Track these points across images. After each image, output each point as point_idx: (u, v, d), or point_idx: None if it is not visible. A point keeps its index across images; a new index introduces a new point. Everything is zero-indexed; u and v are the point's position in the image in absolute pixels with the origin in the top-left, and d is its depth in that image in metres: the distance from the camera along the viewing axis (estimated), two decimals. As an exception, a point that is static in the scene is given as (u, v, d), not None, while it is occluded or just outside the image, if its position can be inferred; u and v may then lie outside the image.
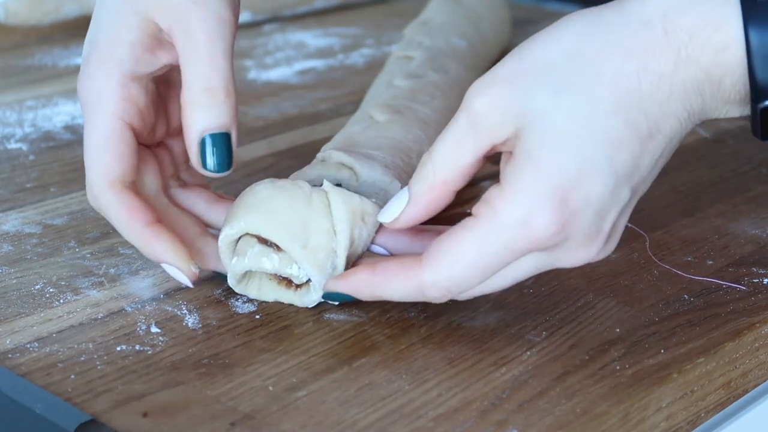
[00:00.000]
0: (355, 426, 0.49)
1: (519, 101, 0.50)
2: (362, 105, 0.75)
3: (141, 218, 0.56)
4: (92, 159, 0.56)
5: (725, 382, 0.56)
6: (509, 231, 0.50)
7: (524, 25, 1.14)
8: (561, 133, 0.50)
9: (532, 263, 0.53)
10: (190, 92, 0.56)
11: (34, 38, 1.09)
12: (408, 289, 0.53)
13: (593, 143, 0.50)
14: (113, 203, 0.56)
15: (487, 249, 0.51)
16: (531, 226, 0.50)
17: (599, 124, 0.50)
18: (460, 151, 0.52)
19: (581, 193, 0.50)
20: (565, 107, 0.50)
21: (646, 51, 0.51)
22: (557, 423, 0.49)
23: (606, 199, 0.51)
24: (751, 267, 0.63)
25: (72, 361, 0.53)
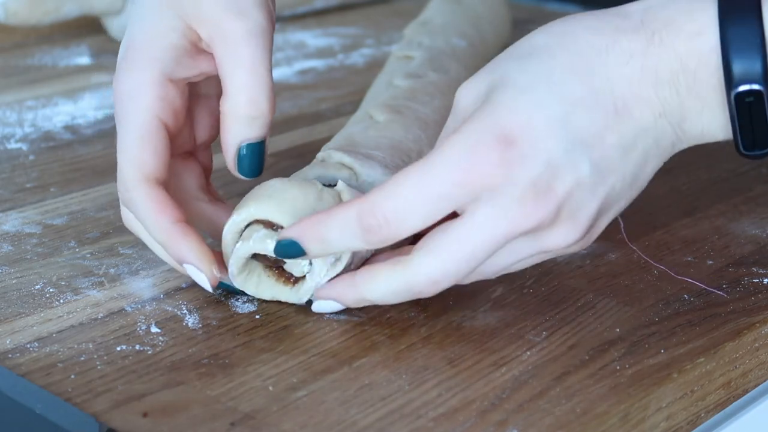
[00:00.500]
0: (355, 426, 0.49)
1: (490, 76, 0.52)
2: (362, 105, 0.75)
3: (171, 215, 0.56)
4: (127, 153, 0.56)
5: (725, 382, 0.56)
6: (452, 166, 0.50)
7: (524, 25, 1.14)
8: (519, 88, 0.51)
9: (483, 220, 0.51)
10: (233, 102, 0.57)
11: (34, 38, 1.09)
12: (350, 226, 0.52)
13: (551, 100, 0.50)
14: (145, 198, 0.56)
15: (431, 184, 0.50)
16: (473, 162, 0.50)
17: (561, 85, 0.50)
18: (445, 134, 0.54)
19: (530, 141, 0.50)
20: (526, 69, 0.51)
21: (618, 31, 0.51)
22: (557, 423, 0.49)
23: (558, 154, 0.50)
24: (751, 267, 0.63)
25: (72, 361, 0.53)
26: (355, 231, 0.52)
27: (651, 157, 0.53)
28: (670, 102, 0.51)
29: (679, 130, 0.52)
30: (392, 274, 0.53)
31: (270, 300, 0.58)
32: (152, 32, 0.58)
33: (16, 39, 1.08)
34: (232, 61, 0.57)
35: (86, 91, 0.94)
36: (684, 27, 0.51)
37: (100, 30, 1.10)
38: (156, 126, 0.56)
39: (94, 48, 1.06)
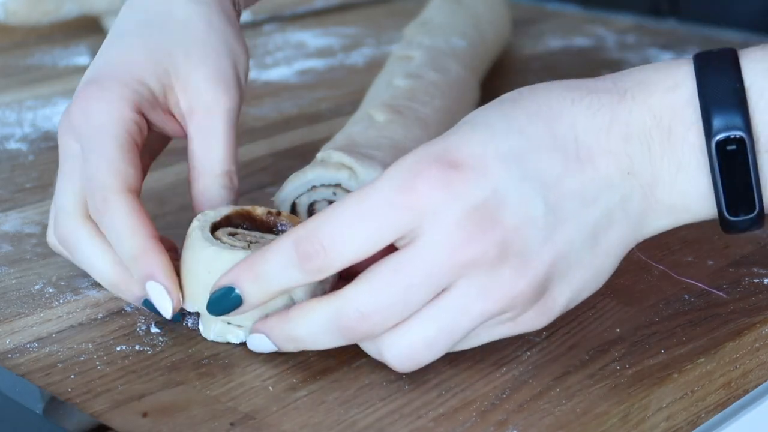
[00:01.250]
0: (355, 426, 0.49)
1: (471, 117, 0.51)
2: (362, 105, 0.75)
3: (148, 230, 0.54)
4: (108, 164, 0.55)
5: (725, 382, 0.56)
6: (393, 190, 0.47)
7: (524, 25, 1.14)
8: (474, 123, 0.49)
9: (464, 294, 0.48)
10: (208, 176, 0.58)
11: (34, 38, 1.09)
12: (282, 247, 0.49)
13: (508, 137, 0.48)
14: (127, 208, 0.54)
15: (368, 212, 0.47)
16: (414, 183, 0.47)
17: (520, 125, 0.48)
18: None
19: (478, 168, 0.47)
20: (487, 112, 0.50)
21: (588, 88, 0.50)
22: (557, 423, 0.49)
23: (507, 183, 0.47)
24: (751, 267, 0.63)
25: (72, 361, 0.53)
26: (292, 260, 0.48)
27: (617, 220, 0.49)
28: (640, 159, 0.49)
29: (651, 196, 0.49)
30: (322, 306, 0.49)
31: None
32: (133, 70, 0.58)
33: (16, 39, 1.09)
34: (211, 134, 0.58)
35: (86, 91, 0.93)
36: (659, 83, 0.49)
37: (100, 30, 1.10)
38: (132, 142, 0.56)
39: (93, 48, 1.06)
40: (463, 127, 0.49)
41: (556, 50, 1.09)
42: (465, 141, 0.48)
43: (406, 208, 0.47)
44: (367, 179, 0.61)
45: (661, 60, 1.03)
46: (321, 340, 0.50)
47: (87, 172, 0.56)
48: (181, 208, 0.70)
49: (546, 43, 1.10)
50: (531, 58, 1.06)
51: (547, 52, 1.08)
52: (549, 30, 1.14)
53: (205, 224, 0.55)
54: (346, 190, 0.61)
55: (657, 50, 1.06)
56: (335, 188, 0.61)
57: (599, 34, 1.13)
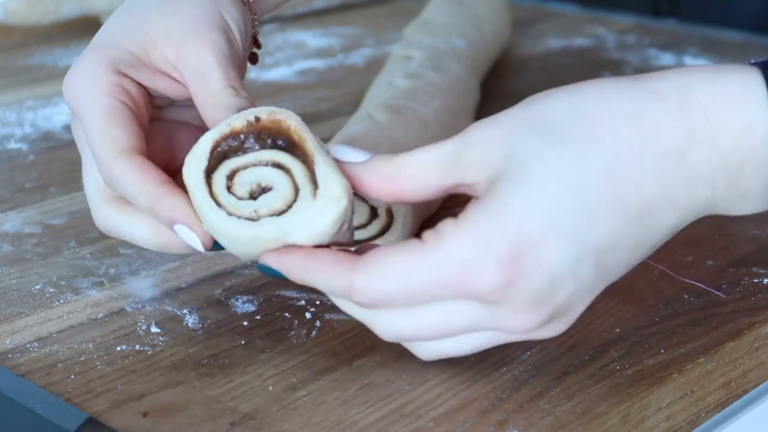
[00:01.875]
0: (355, 426, 0.49)
1: (508, 145, 0.47)
2: (362, 105, 0.75)
3: (155, 177, 0.52)
4: (96, 138, 0.54)
5: (725, 382, 0.56)
6: (449, 269, 0.47)
7: (524, 25, 1.14)
8: (536, 187, 0.46)
9: (470, 314, 0.49)
10: (212, 93, 0.55)
11: (34, 38, 1.09)
12: (336, 285, 0.49)
13: (568, 207, 0.46)
14: (125, 167, 0.53)
15: (423, 277, 0.47)
16: (472, 273, 0.46)
17: (582, 189, 0.46)
18: (432, 171, 0.49)
19: (537, 257, 0.46)
20: (551, 161, 0.47)
21: (656, 124, 0.47)
22: (557, 423, 0.49)
23: (564, 269, 0.47)
24: (751, 267, 0.63)
25: (72, 361, 0.53)
26: (342, 295, 0.50)
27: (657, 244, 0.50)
28: (702, 199, 0.48)
29: (704, 213, 0.49)
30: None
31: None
32: (112, 37, 0.57)
33: (16, 39, 1.09)
34: (203, 69, 0.56)
35: (86, 91, 0.93)
36: (730, 122, 0.46)
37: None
38: (117, 104, 0.55)
39: (94, 48, 1.06)
40: (524, 188, 0.47)
41: (556, 50, 1.09)
42: (526, 216, 0.46)
43: (460, 292, 0.48)
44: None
45: (661, 60, 1.03)
46: (328, 293, 0.51)
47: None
48: (181, 208, 0.70)
49: (546, 43, 1.10)
50: (531, 58, 1.06)
51: (547, 52, 1.08)
52: (549, 30, 1.14)
53: (198, 177, 0.51)
54: None
55: (657, 50, 1.06)
56: None
57: (599, 34, 1.13)
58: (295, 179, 0.50)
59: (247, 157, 0.51)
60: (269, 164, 0.51)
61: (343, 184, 0.49)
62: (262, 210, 0.49)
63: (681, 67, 0.49)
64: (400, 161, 0.50)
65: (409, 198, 0.50)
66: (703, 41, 1.10)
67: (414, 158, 0.50)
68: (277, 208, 0.50)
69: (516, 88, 0.97)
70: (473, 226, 0.47)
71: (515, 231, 0.46)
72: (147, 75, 0.57)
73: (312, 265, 0.49)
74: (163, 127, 0.59)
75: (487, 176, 0.48)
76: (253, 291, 0.60)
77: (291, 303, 0.59)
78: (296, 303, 0.59)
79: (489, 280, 0.46)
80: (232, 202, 0.50)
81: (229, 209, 0.50)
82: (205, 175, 0.50)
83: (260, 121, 0.51)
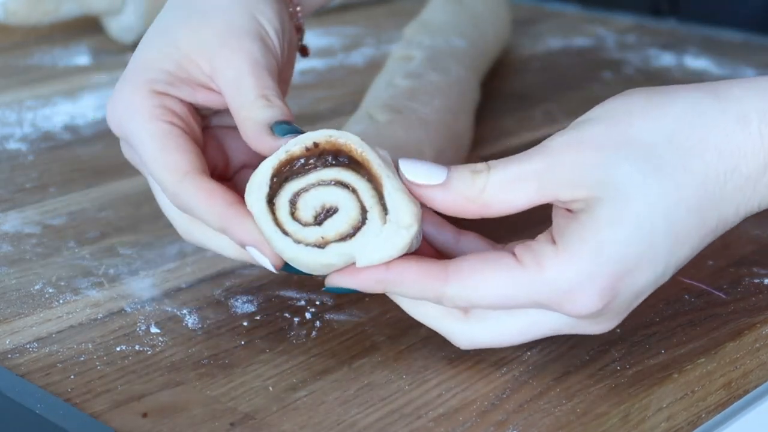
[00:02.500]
0: (355, 426, 0.49)
1: (605, 171, 0.48)
2: (362, 105, 0.75)
3: (222, 198, 0.52)
4: (154, 165, 0.54)
5: (726, 382, 0.56)
6: (549, 295, 0.49)
7: (524, 25, 1.14)
8: (637, 220, 0.48)
9: (554, 323, 0.51)
10: (243, 105, 0.55)
11: (33, 38, 1.09)
12: (424, 294, 0.50)
13: (662, 237, 0.49)
14: (191, 190, 0.52)
15: (519, 298, 0.49)
16: (573, 301, 0.49)
17: (676, 220, 0.49)
18: (519, 190, 0.49)
19: (631, 281, 0.49)
20: (651, 194, 0.48)
21: (739, 151, 0.50)
22: (557, 423, 0.49)
23: (649, 286, 0.50)
24: (751, 267, 0.63)
25: (71, 361, 0.53)
26: (431, 300, 0.51)
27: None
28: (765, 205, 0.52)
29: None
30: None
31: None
32: (146, 60, 0.57)
33: (16, 39, 1.08)
34: (235, 76, 0.55)
35: (86, 91, 0.94)
36: None
37: (99, 30, 1.10)
38: (166, 127, 0.54)
39: (93, 48, 1.06)
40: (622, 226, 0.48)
41: (556, 50, 1.09)
42: (624, 254, 0.48)
43: (550, 309, 0.50)
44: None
45: (661, 60, 1.03)
46: (410, 295, 0.51)
47: None
48: (181, 208, 0.70)
49: (546, 43, 1.10)
50: (531, 58, 1.06)
51: (547, 52, 1.08)
52: (549, 30, 1.14)
53: (261, 205, 0.50)
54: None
55: (657, 50, 1.06)
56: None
57: (599, 34, 1.13)
58: (361, 199, 0.50)
59: (308, 178, 0.50)
60: (332, 183, 0.50)
61: (413, 212, 0.49)
62: (328, 235, 0.50)
63: (760, 79, 0.51)
64: (484, 182, 0.50)
65: (492, 216, 0.51)
66: (703, 41, 1.10)
67: (498, 177, 0.50)
68: (343, 231, 0.50)
69: (516, 88, 0.97)
70: (576, 258, 0.48)
71: (616, 263, 0.48)
72: (186, 90, 0.57)
73: (396, 278, 0.50)
74: (212, 134, 0.59)
75: (584, 197, 0.49)
76: (253, 291, 0.60)
77: (291, 303, 0.59)
78: (296, 303, 0.59)
79: (588, 306, 0.49)
80: (298, 229, 0.50)
81: (296, 237, 0.50)
82: (267, 201, 0.50)
83: (318, 147, 0.50)
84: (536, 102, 0.91)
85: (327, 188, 0.50)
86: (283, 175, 0.50)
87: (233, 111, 0.55)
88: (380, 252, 0.49)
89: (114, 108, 0.56)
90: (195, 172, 0.53)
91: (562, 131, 0.50)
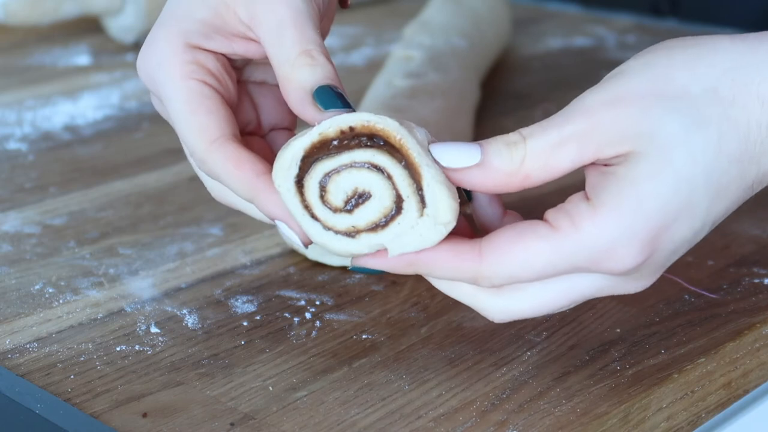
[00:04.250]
0: (355, 426, 0.49)
1: (646, 125, 0.47)
2: (362, 105, 0.75)
3: (252, 168, 0.50)
4: (183, 127, 0.51)
5: (726, 382, 0.56)
6: (589, 255, 0.47)
7: (524, 25, 1.14)
8: (678, 172, 0.47)
9: (593, 286, 0.49)
10: (286, 61, 0.51)
11: (33, 38, 1.09)
12: (457, 276, 0.48)
13: (703, 189, 0.48)
14: (219, 159, 0.50)
15: (558, 265, 0.47)
16: (613, 258, 0.47)
17: (717, 172, 0.48)
18: (560, 155, 0.47)
19: (670, 234, 0.48)
20: (693, 146, 0.47)
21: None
22: (557, 423, 0.49)
23: (688, 240, 0.49)
24: (751, 267, 0.63)
25: (71, 361, 0.53)
26: (465, 281, 0.49)
27: None
28: None
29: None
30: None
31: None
32: (180, 11, 0.54)
33: (16, 39, 1.08)
34: (274, 28, 0.52)
35: (86, 91, 0.93)
36: None
37: (99, 30, 1.10)
38: (198, 87, 0.52)
39: (93, 48, 1.06)
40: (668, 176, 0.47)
41: (556, 50, 1.09)
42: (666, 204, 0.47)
43: (589, 270, 0.48)
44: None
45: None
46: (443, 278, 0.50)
47: None
48: (181, 208, 0.70)
49: (546, 43, 1.10)
50: (531, 58, 1.06)
51: (547, 52, 1.08)
52: (549, 30, 1.14)
53: (289, 185, 0.48)
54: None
55: (657, 50, 1.06)
56: None
57: (599, 34, 1.13)
58: (396, 186, 0.47)
59: (341, 159, 0.47)
60: (365, 166, 0.47)
61: (453, 208, 0.47)
62: (360, 224, 0.47)
63: None
64: (522, 154, 0.48)
65: (534, 185, 0.48)
66: (703, 41, 1.10)
67: (536, 146, 0.48)
68: (375, 220, 0.47)
69: (516, 88, 0.97)
70: (614, 213, 0.47)
71: (656, 216, 0.47)
72: (222, 42, 0.54)
73: (428, 262, 0.48)
74: (246, 89, 0.57)
75: (625, 152, 0.47)
76: (253, 291, 0.60)
77: (291, 303, 0.59)
78: (296, 303, 0.59)
79: (628, 262, 0.47)
80: (328, 216, 0.48)
81: (326, 224, 0.48)
82: (296, 182, 0.48)
83: (354, 131, 0.48)
84: (536, 102, 0.91)
85: (360, 171, 0.47)
86: (314, 155, 0.48)
87: (274, 65, 0.53)
88: (414, 245, 0.47)
89: (145, 60, 0.54)
90: (224, 139, 0.51)
91: (595, 88, 0.48)
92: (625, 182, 0.47)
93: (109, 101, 0.91)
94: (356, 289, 0.60)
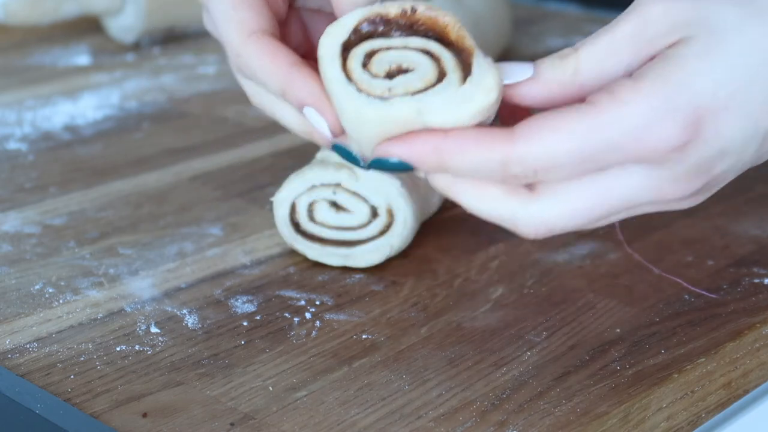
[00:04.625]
0: (355, 426, 0.49)
1: (699, 13, 0.45)
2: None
3: (285, 59, 0.49)
4: (223, 22, 0.51)
5: (726, 382, 0.56)
6: (627, 127, 0.44)
7: (524, 25, 1.14)
8: (731, 57, 0.45)
9: (631, 186, 0.46)
10: None
11: (34, 38, 1.09)
12: (487, 161, 0.45)
13: (755, 84, 0.45)
14: (255, 51, 0.50)
15: (593, 140, 0.45)
16: (654, 133, 0.44)
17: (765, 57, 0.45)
18: (614, 59, 0.46)
19: (716, 124, 0.45)
20: (749, 35, 0.45)
21: None
22: (557, 423, 0.49)
23: (735, 142, 0.46)
24: (751, 267, 0.63)
25: (71, 361, 0.53)
26: (494, 173, 0.46)
27: None
28: None
29: None
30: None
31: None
32: None
33: (16, 39, 1.08)
34: None
35: (86, 91, 0.93)
36: None
37: (99, 30, 1.10)
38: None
39: (93, 48, 1.06)
40: (719, 57, 0.45)
41: (556, 50, 1.08)
42: (714, 84, 0.45)
43: (632, 154, 0.45)
44: (367, 179, 0.61)
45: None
46: (473, 174, 0.47)
47: None
48: (181, 208, 0.70)
49: (546, 43, 1.10)
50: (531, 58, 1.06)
51: (547, 52, 1.07)
52: (549, 30, 1.14)
53: (334, 49, 0.46)
54: (346, 189, 0.61)
55: (657, 50, 1.06)
56: (335, 187, 0.61)
57: (599, 34, 1.12)
58: (443, 65, 0.45)
59: (393, 40, 0.46)
60: (417, 50, 0.46)
61: (498, 80, 0.45)
62: (397, 89, 0.45)
63: None
64: (575, 63, 0.47)
65: (593, 89, 0.46)
66: (703, 41, 1.10)
67: (589, 53, 0.47)
68: (414, 88, 0.45)
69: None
70: (658, 83, 0.45)
71: (701, 97, 0.45)
72: None
73: (455, 145, 0.45)
74: (297, 16, 0.56)
75: (677, 39, 0.46)
76: (253, 291, 0.60)
77: (291, 303, 0.59)
78: (296, 303, 0.59)
79: (669, 138, 0.45)
80: (365, 78, 0.45)
81: (361, 86, 0.45)
82: (341, 49, 0.46)
83: (416, 13, 0.46)
84: (536, 102, 0.91)
85: (410, 52, 0.46)
86: (366, 33, 0.46)
87: None
88: (449, 114, 0.45)
89: None
90: (261, 33, 0.50)
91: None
92: (674, 59, 0.45)
93: (109, 101, 0.91)
94: (356, 289, 0.60)
